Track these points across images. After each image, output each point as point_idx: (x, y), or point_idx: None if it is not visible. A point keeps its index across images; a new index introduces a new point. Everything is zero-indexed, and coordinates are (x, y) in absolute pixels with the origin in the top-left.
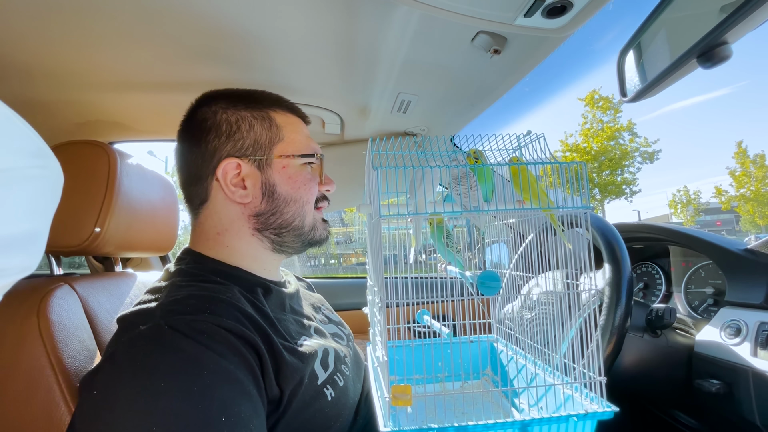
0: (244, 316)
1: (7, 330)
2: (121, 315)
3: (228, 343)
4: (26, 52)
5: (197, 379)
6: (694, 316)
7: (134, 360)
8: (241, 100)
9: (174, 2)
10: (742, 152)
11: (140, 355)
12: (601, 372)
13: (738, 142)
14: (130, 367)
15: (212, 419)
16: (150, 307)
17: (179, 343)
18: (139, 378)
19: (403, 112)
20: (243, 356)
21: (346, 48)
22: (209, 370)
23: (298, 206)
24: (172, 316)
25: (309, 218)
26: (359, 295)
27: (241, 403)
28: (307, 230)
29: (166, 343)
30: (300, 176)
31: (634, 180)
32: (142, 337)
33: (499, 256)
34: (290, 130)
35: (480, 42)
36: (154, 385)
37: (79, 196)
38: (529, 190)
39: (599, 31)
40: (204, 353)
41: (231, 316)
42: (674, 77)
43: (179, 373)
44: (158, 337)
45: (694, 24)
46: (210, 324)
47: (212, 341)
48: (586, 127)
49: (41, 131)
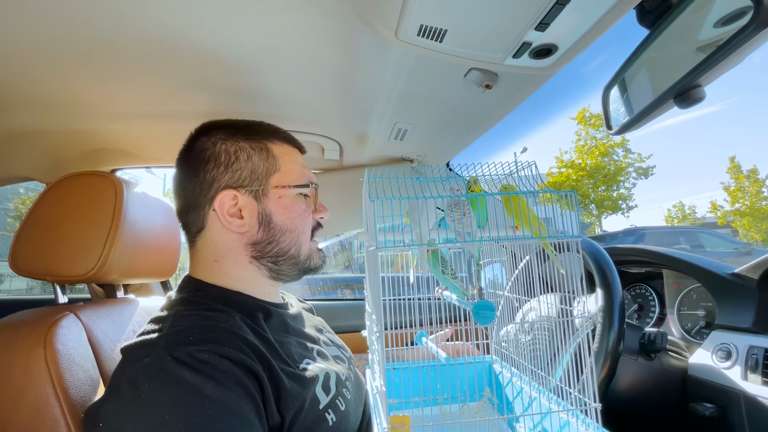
0: (245, 344)
1: (14, 361)
2: (124, 346)
3: (230, 373)
4: (37, 85)
5: (199, 410)
6: (688, 339)
7: (138, 392)
8: (240, 131)
9: (178, 36)
10: (736, 167)
11: (144, 386)
12: (596, 398)
13: (731, 158)
14: (135, 399)
15: None
16: (153, 338)
17: (182, 374)
18: (143, 410)
19: (400, 139)
20: (244, 385)
21: (345, 81)
22: (211, 401)
23: (294, 236)
24: (175, 347)
25: (305, 247)
26: (358, 318)
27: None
28: (303, 259)
29: (169, 375)
30: (295, 206)
31: (629, 195)
32: (145, 368)
33: (494, 276)
34: (286, 160)
35: (472, 77)
36: (158, 417)
37: (86, 226)
38: (521, 216)
39: (587, 56)
40: (206, 384)
41: (233, 344)
42: (654, 114)
43: (182, 405)
44: (161, 368)
45: (672, 64)
46: (212, 354)
47: (214, 371)
48: (580, 144)
49: (48, 159)
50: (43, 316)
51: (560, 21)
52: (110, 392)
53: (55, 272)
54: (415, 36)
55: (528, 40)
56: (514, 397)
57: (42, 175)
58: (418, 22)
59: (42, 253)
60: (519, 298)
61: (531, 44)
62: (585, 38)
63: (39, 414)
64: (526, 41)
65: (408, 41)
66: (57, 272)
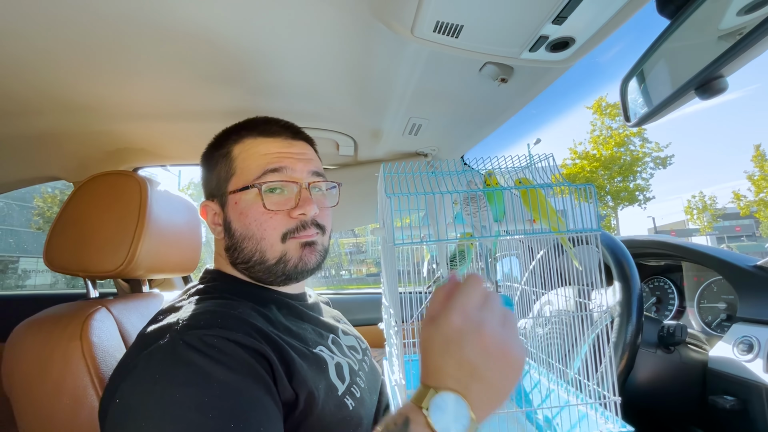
0: (253, 329)
1: (54, 353)
2: (142, 331)
3: (237, 356)
4: (63, 90)
5: (207, 390)
6: (708, 332)
7: (152, 372)
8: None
9: (196, 36)
10: (760, 155)
11: (157, 367)
12: (615, 391)
13: (756, 145)
14: (149, 378)
15: (222, 427)
16: (167, 323)
17: (192, 357)
18: (156, 388)
19: (415, 134)
20: (252, 367)
21: (360, 77)
22: (219, 382)
23: (254, 242)
24: (186, 332)
25: (271, 252)
26: (375, 311)
27: (249, 410)
28: (273, 263)
29: (180, 357)
30: (251, 210)
31: (647, 186)
32: (159, 350)
33: (510, 269)
34: (244, 157)
35: (488, 71)
36: (169, 396)
37: (114, 224)
38: (538, 210)
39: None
40: (214, 366)
41: (240, 329)
42: (674, 105)
43: (191, 386)
44: (173, 351)
45: (693, 55)
46: (220, 338)
47: (222, 354)
48: (595, 135)
49: (75, 159)
50: (78, 309)
51: (578, 13)
52: (127, 372)
53: (86, 268)
54: (431, 32)
55: (545, 34)
56: (532, 389)
57: (69, 174)
58: (434, 19)
59: (74, 250)
60: (536, 291)
61: (548, 38)
62: (603, 30)
63: (79, 402)
64: (543, 35)
65: (424, 38)
66: (88, 268)
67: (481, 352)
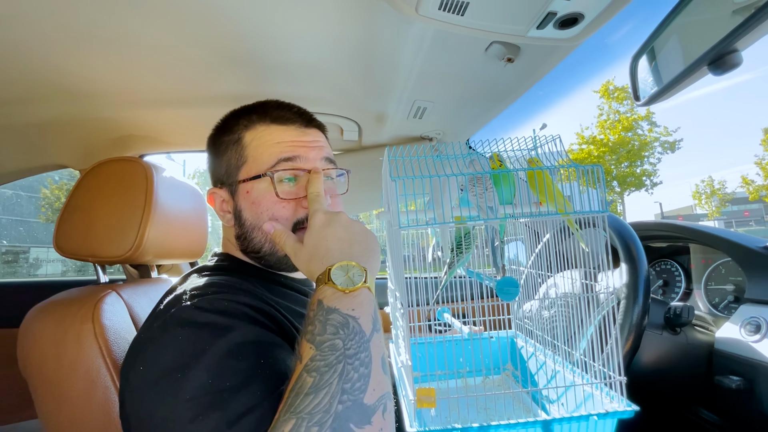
0: (260, 299)
1: (67, 335)
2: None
3: (247, 314)
4: (69, 76)
5: (230, 340)
6: (715, 313)
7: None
8: (232, 118)
9: (200, 20)
10: None
11: (172, 329)
12: (620, 371)
13: (765, 129)
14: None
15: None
16: (176, 296)
17: (208, 317)
18: (173, 344)
19: (419, 117)
20: (263, 324)
21: (364, 59)
22: (239, 330)
23: (264, 233)
24: (197, 298)
25: None
26: (381, 296)
27: (272, 349)
28: (283, 255)
29: (196, 319)
30: (263, 200)
31: (654, 171)
32: (173, 316)
33: (516, 254)
34: (256, 144)
35: (494, 51)
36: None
37: (121, 210)
38: (545, 192)
39: (613, 25)
40: (230, 321)
41: (248, 296)
42: (686, 83)
43: (204, 341)
44: (187, 315)
45: (706, 29)
46: (230, 302)
47: (232, 315)
48: (603, 119)
49: (81, 147)
50: (89, 293)
51: None
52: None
53: (95, 253)
54: (436, 10)
55: (553, 10)
56: (537, 370)
57: (75, 162)
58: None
59: (83, 235)
60: (542, 274)
61: (556, 14)
62: (613, 5)
63: (93, 383)
64: (551, 11)
65: (429, 16)
66: (97, 253)
67: (344, 228)
